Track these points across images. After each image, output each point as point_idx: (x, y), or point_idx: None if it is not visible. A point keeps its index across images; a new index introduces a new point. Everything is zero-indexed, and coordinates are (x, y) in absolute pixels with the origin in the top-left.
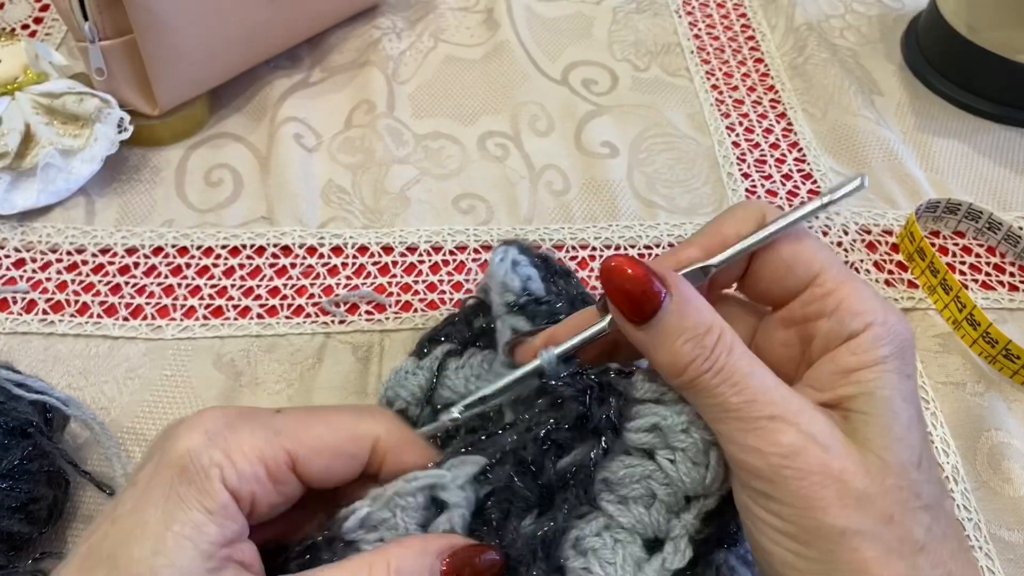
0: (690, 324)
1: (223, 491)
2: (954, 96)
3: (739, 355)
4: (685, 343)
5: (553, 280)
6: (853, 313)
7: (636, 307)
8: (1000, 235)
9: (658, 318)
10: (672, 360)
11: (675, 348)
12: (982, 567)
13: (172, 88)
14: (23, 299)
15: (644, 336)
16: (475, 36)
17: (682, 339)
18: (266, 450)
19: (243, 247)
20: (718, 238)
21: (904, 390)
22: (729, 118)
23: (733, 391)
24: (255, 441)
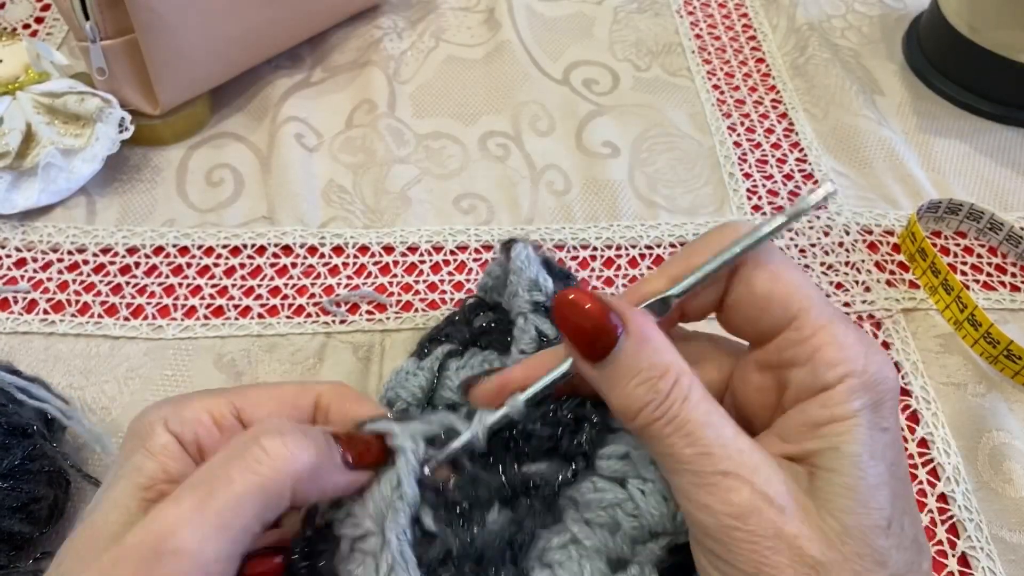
0: (645, 365)
1: (164, 433)
2: (955, 96)
3: (695, 402)
4: (638, 386)
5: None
6: (828, 364)
7: (589, 344)
8: (1001, 235)
9: (611, 357)
10: (625, 403)
11: (628, 391)
12: (984, 568)
13: (173, 88)
14: (24, 299)
15: (598, 375)
16: (476, 36)
17: (635, 381)
18: (211, 402)
19: (244, 247)
20: (684, 268)
21: (875, 445)
22: (730, 118)
23: (686, 442)
24: (203, 398)
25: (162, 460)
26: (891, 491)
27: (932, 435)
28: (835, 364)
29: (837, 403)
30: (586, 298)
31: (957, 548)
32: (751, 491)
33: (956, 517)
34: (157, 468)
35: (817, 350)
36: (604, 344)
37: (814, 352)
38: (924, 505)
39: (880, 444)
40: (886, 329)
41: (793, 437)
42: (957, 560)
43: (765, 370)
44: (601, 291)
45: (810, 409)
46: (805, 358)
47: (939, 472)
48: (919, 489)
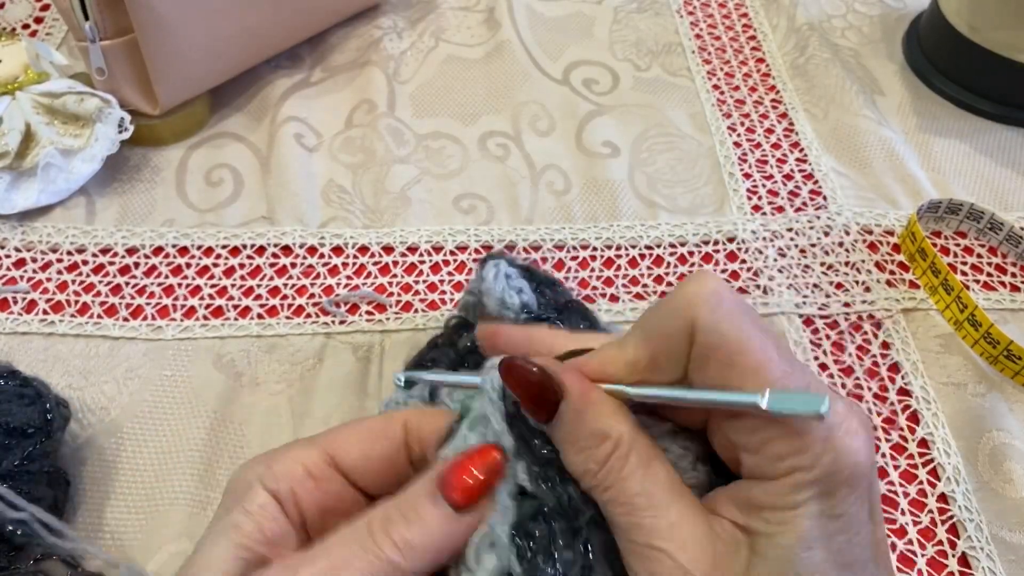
0: (584, 433)
1: (261, 492)
2: (956, 96)
3: (631, 471)
4: (578, 453)
5: (540, 290)
6: (776, 457)
7: (535, 406)
8: (1002, 235)
9: (554, 422)
10: (570, 467)
11: (570, 457)
12: (984, 568)
13: (173, 87)
14: (23, 299)
15: (551, 434)
16: (476, 36)
17: (574, 449)
18: (303, 454)
19: (243, 247)
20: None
21: (814, 535)
22: (730, 118)
23: (621, 511)
24: (294, 450)
25: (259, 520)
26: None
27: (932, 435)
28: (783, 458)
29: (779, 494)
30: (528, 366)
31: (957, 548)
32: (672, 567)
33: (956, 517)
34: (255, 528)
35: (767, 442)
36: (543, 410)
37: (763, 444)
38: (924, 505)
39: (825, 532)
40: (886, 329)
41: (742, 508)
42: (957, 560)
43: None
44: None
45: (754, 490)
46: (755, 447)
47: (939, 472)
48: (919, 489)
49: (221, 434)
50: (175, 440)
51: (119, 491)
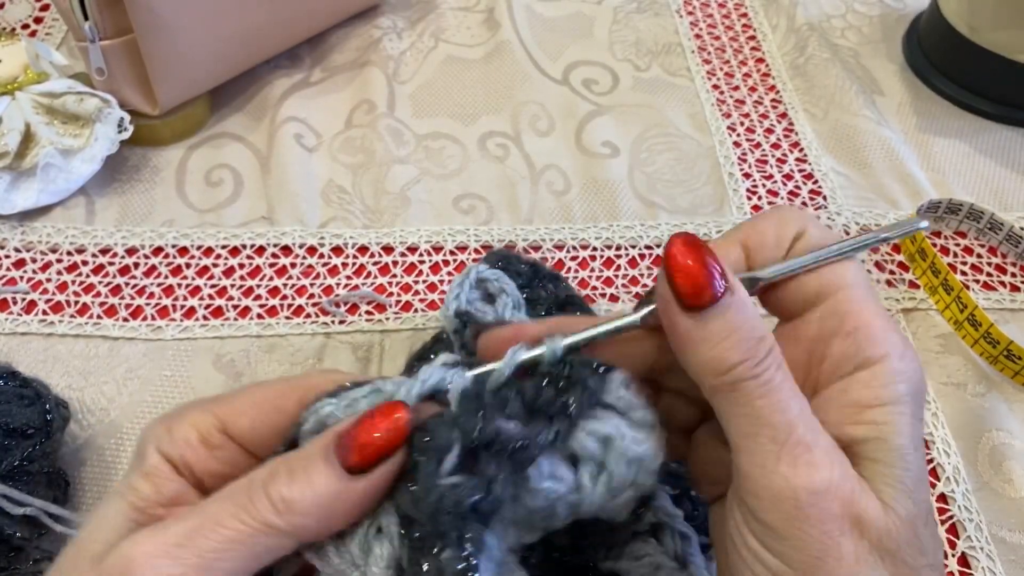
0: (745, 326)
1: (154, 454)
2: (955, 96)
3: (785, 375)
4: (737, 343)
5: (542, 284)
6: (873, 339)
7: (697, 291)
8: (1001, 235)
9: (714, 310)
10: (718, 356)
11: (725, 345)
12: (984, 568)
13: (172, 88)
14: (23, 299)
15: (692, 325)
16: (476, 36)
17: (735, 338)
18: (198, 417)
19: (243, 247)
20: (759, 238)
21: (917, 438)
22: (730, 118)
23: (775, 408)
24: (192, 413)
25: (155, 481)
26: (927, 485)
27: (932, 435)
28: (878, 341)
29: (883, 384)
30: (703, 245)
31: (957, 548)
32: (830, 469)
33: (956, 517)
34: (151, 489)
35: (862, 324)
36: (710, 294)
37: (858, 325)
38: None
39: (920, 436)
40: None
41: (835, 419)
42: (957, 560)
43: (799, 343)
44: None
45: (852, 389)
46: (849, 330)
47: (939, 472)
48: None
49: None
50: None
51: None
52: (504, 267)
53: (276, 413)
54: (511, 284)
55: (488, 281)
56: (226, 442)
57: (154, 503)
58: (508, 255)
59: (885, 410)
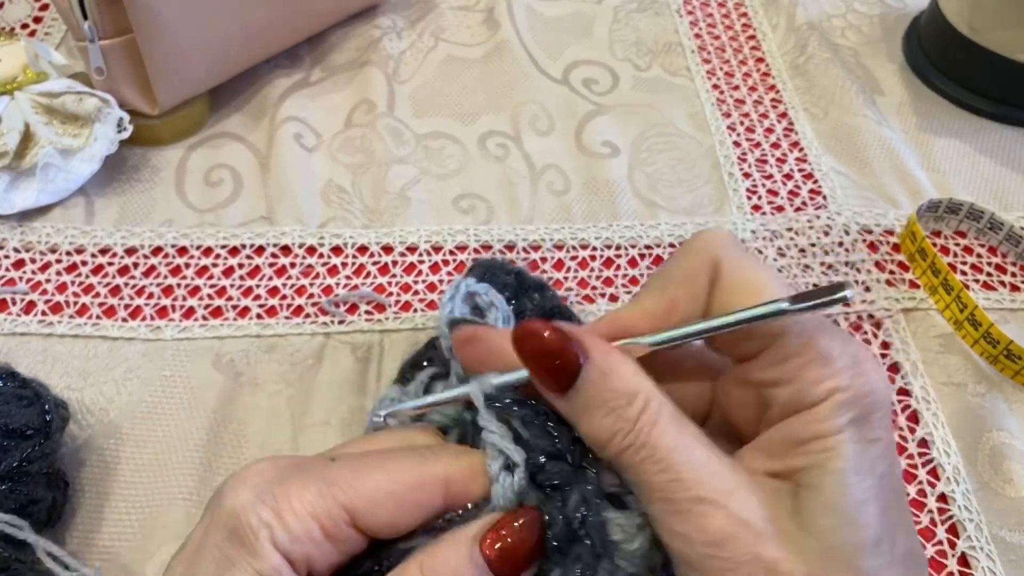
0: (610, 395)
1: (274, 553)
2: (956, 96)
3: (664, 427)
4: (605, 416)
5: (527, 295)
6: (813, 382)
7: (551, 376)
8: (1001, 235)
9: (575, 388)
10: (594, 434)
11: (595, 421)
12: (983, 568)
13: (172, 87)
14: (22, 300)
15: (563, 406)
16: (475, 35)
17: (601, 412)
18: (319, 506)
19: (242, 247)
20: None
21: (862, 459)
22: (730, 118)
23: (657, 468)
24: (306, 495)
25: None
26: (880, 506)
27: (932, 435)
28: (820, 381)
29: (821, 419)
30: (544, 328)
31: (957, 548)
32: (725, 516)
33: (956, 517)
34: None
35: (801, 369)
36: (566, 375)
37: (799, 370)
38: (924, 505)
39: (868, 457)
40: (886, 329)
41: (777, 453)
42: (957, 560)
43: (748, 387)
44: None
45: (794, 425)
46: (789, 377)
47: (939, 472)
48: (919, 489)
49: (220, 434)
50: (174, 441)
51: (118, 492)
52: (490, 279)
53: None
54: (500, 298)
55: (477, 295)
56: (352, 535)
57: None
58: (493, 265)
59: (822, 441)
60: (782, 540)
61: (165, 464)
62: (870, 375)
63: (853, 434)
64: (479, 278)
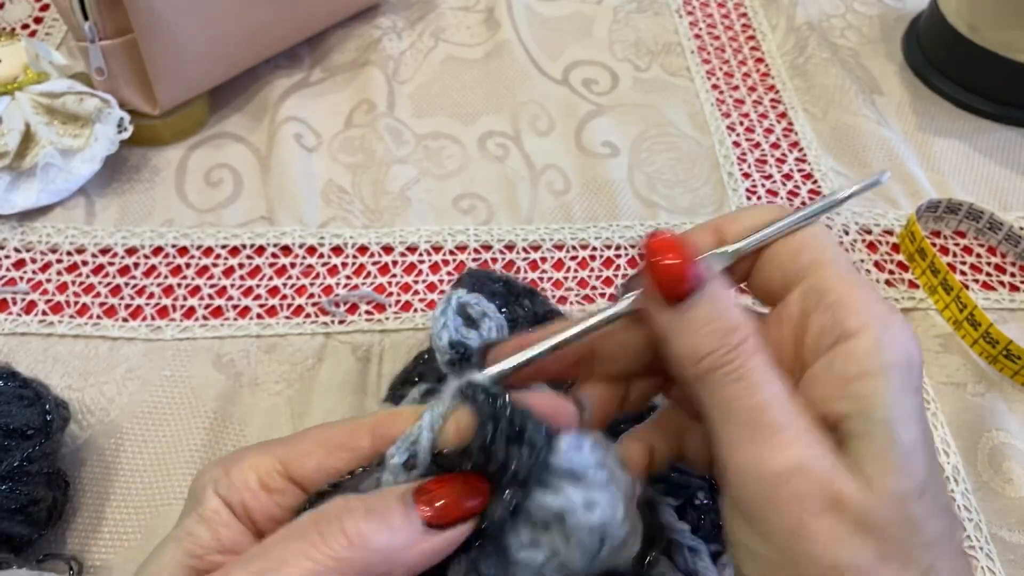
0: (720, 316)
1: (214, 498)
2: (955, 96)
3: (759, 360)
4: (712, 332)
5: (518, 302)
6: (850, 310)
7: (675, 285)
8: (1001, 235)
9: (691, 302)
10: (693, 346)
11: (700, 335)
12: (983, 568)
13: (172, 88)
14: (23, 300)
15: (670, 318)
16: (475, 36)
17: (710, 327)
18: (258, 459)
19: (243, 247)
20: (737, 225)
21: (906, 409)
22: (730, 118)
23: (747, 393)
24: (251, 455)
25: (213, 527)
26: (924, 456)
27: (931, 435)
28: (858, 312)
29: (864, 355)
30: (677, 241)
31: None
32: (800, 449)
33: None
34: (209, 536)
35: (840, 297)
36: (688, 288)
37: (837, 299)
38: None
39: (911, 406)
40: None
41: (820, 399)
42: None
43: (784, 324)
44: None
45: (836, 363)
46: (827, 304)
47: None
48: None
49: (221, 434)
50: (175, 441)
51: (119, 492)
52: (480, 289)
53: (345, 452)
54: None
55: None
56: (288, 486)
57: (212, 549)
58: (481, 275)
59: (867, 382)
60: (847, 480)
61: (165, 464)
62: (902, 324)
63: (897, 379)
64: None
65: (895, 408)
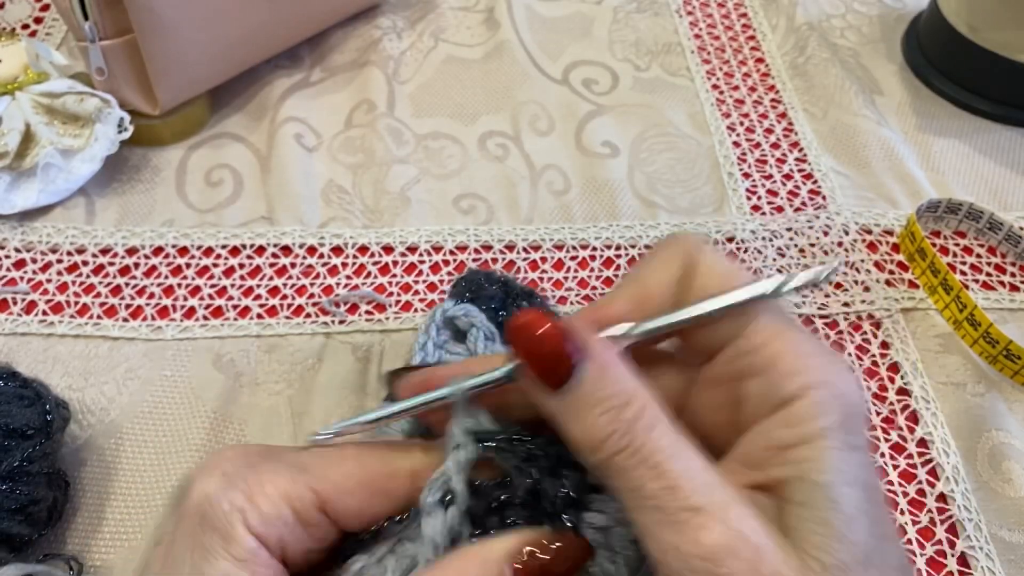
0: (608, 394)
1: (248, 536)
2: (955, 96)
3: (661, 433)
4: (600, 415)
5: (516, 303)
6: (786, 374)
7: (548, 371)
8: (1001, 235)
9: (571, 385)
10: (585, 434)
11: (589, 422)
12: (983, 568)
13: (172, 88)
14: (23, 300)
15: (555, 405)
16: (476, 36)
17: (597, 411)
18: (291, 490)
19: (243, 247)
20: (643, 290)
21: (848, 469)
22: (730, 118)
23: (651, 475)
24: (278, 480)
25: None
26: (870, 520)
27: (931, 435)
28: (795, 373)
29: (801, 421)
30: (542, 322)
31: (956, 548)
32: (723, 528)
33: (955, 517)
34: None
35: (772, 359)
36: (563, 372)
37: (771, 361)
38: (923, 505)
39: (853, 466)
40: (886, 329)
41: (757, 463)
42: (956, 560)
43: (718, 386)
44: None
45: (772, 430)
46: (760, 367)
47: (938, 472)
48: (918, 489)
49: (221, 434)
50: (175, 440)
51: (119, 492)
52: (475, 293)
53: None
54: (480, 316)
55: (456, 318)
56: (323, 521)
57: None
58: (477, 278)
59: (805, 449)
60: (782, 556)
61: (166, 464)
62: (844, 376)
63: (836, 440)
64: (463, 294)
65: (835, 472)
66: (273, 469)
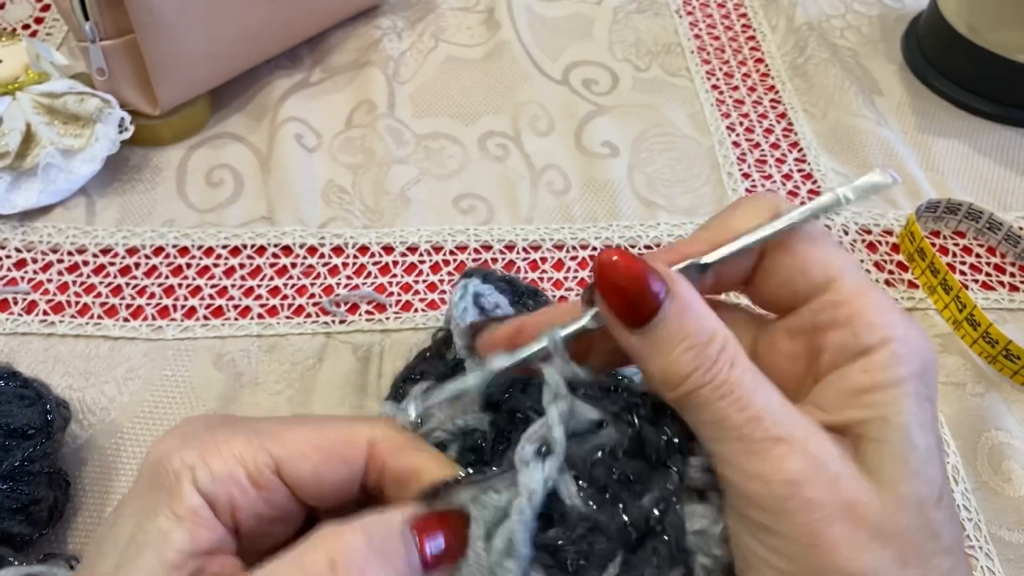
0: (691, 331)
1: (193, 494)
2: (954, 96)
3: (743, 369)
4: (685, 352)
5: (522, 301)
6: (869, 326)
7: (632, 309)
8: (1000, 235)
9: (655, 322)
10: (668, 370)
11: (673, 357)
12: (982, 567)
13: (173, 88)
14: (24, 300)
15: (637, 342)
16: (476, 36)
17: (682, 347)
18: (245, 451)
19: (244, 247)
20: (724, 233)
21: (923, 417)
22: (729, 118)
23: (735, 407)
24: (233, 441)
25: (192, 528)
26: (939, 465)
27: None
28: (877, 326)
29: (881, 369)
30: (628, 260)
31: None
32: (805, 457)
33: None
34: (187, 539)
35: (857, 311)
36: (647, 309)
37: (854, 313)
38: None
39: (927, 415)
40: None
41: (833, 406)
42: None
43: (796, 336)
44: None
45: (852, 375)
46: (844, 320)
47: None
48: None
49: None
50: None
51: (119, 491)
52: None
53: (343, 464)
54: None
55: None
56: (277, 485)
57: (189, 554)
58: (485, 273)
59: (885, 392)
60: (861, 485)
61: None
62: (920, 334)
63: (914, 388)
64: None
65: (912, 415)
66: (231, 432)
